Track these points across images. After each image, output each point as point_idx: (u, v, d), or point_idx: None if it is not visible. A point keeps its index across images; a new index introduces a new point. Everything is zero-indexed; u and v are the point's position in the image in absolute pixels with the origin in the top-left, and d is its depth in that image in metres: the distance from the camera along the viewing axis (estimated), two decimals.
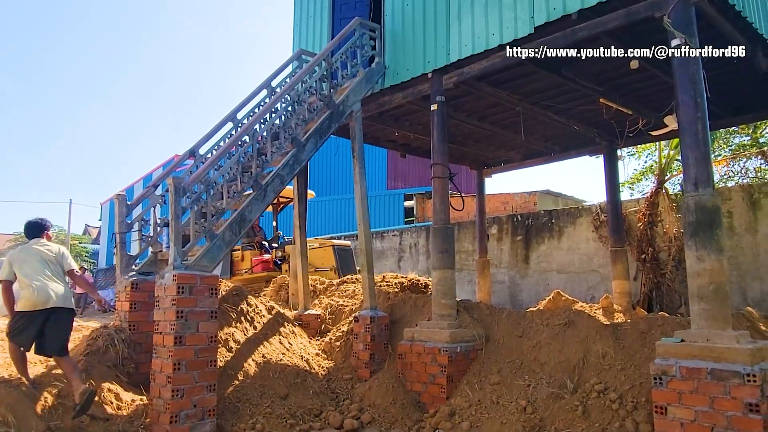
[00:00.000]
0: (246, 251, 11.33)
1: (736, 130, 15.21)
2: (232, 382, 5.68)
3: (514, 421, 4.95)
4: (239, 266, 11.36)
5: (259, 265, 10.96)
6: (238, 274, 11.23)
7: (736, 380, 3.86)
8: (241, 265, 11.32)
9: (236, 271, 11.34)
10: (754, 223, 9.51)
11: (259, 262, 11.00)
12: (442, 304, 6.41)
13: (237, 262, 11.43)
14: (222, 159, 6.13)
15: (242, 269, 11.24)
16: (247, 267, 11.14)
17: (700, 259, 4.37)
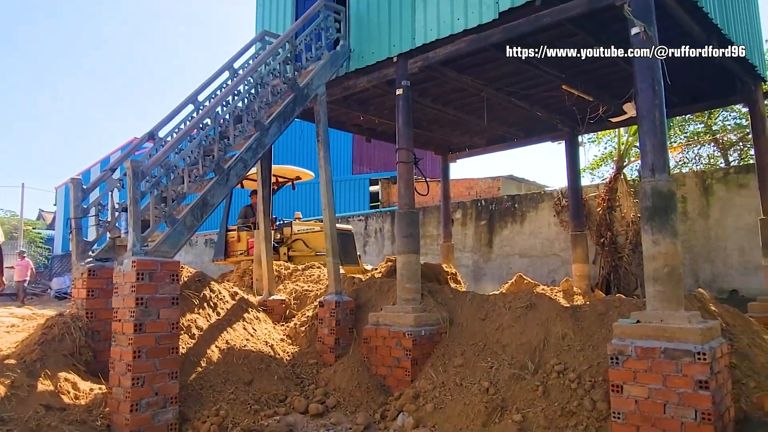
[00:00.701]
0: (242, 232, 10.78)
1: (691, 118, 15.71)
2: (195, 369, 5.61)
3: (477, 402, 5.04)
4: (234, 247, 10.82)
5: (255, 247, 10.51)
6: (233, 255, 10.72)
7: (687, 359, 4.01)
8: (237, 247, 10.78)
9: (231, 252, 10.79)
10: (706, 208, 9.85)
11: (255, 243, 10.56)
12: (407, 288, 6.45)
13: (232, 243, 10.88)
14: (183, 142, 5.98)
15: (238, 251, 10.71)
16: (242, 249, 10.63)
17: (655, 243, 4.50)
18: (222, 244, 10.94)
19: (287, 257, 10.49)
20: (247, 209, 10.99)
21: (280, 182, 11.68)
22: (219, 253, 10.95)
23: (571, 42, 6.60)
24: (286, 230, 10.84)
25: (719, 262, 9.65)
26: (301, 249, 10.64)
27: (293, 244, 10.68)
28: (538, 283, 9.85)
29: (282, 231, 10.82)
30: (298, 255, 10.52)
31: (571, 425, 4.51)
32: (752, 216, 8.66)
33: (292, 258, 10.47)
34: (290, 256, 10.52)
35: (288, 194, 24.32)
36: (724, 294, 9.40)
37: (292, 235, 10.80)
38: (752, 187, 8.57)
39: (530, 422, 4.65)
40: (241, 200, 12.19)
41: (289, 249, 10.56)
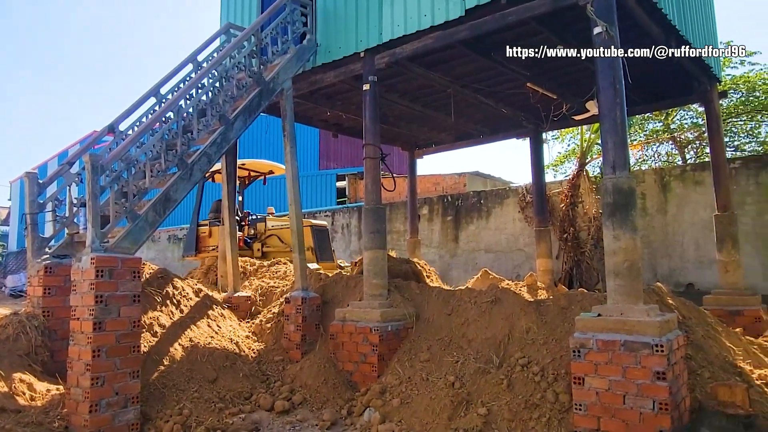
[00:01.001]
0: (214, 227, 10.44)
1: (651, 117, 16.15)
2: (158, 368, 5.51)
3: (443, 396, 5.08)
4: (206, 243, 10.53)
5: None
6: (205, 251, 10.43)
7: (646, 351, 4.12)
8: (209, 242, 10.49)
9: (202, 248, 10.48)
10: (664, 205, 10.15)
11: None
12: (374, 284, 6.46)
13: (203, 238, 10.56)
14: (144, 136, 5.85)
15: (209, 246, 10.42)
16: (214, 244, 10.30)
17: (616, 238, 4.61)
18: (193, 239, 10.66)
19: (261, 253, 10.27)
20: (219, 203, 10.71)
21: (252, 176, 11.49)
22: (190, 248, 10.66)
23: (536, 40, 6.69)
24: (260, 226, 10.59)
25: (676, 256, 9.96)
26: (276, 245, 10.45)
27: (267, 239, 10.47)
28: (503, 278, 9.99)
29: (255, 227, 10.58)
30: (273, 251, 10.34)
31: (534, 417, 4.60)
32: (707, 212, 8.96)
33: (266, 254, 10.28)
34: (264, 252, 10.30)
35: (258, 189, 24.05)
36: (681, 287, 9.71)
37: (266, 230, 10.59)
38: (707, 184, 8.86)
39: (495, 415, 4.72)
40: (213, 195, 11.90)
41: (263, 245, 10.35)
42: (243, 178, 11.30)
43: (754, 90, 14.79)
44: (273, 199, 21.84)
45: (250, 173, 11.17)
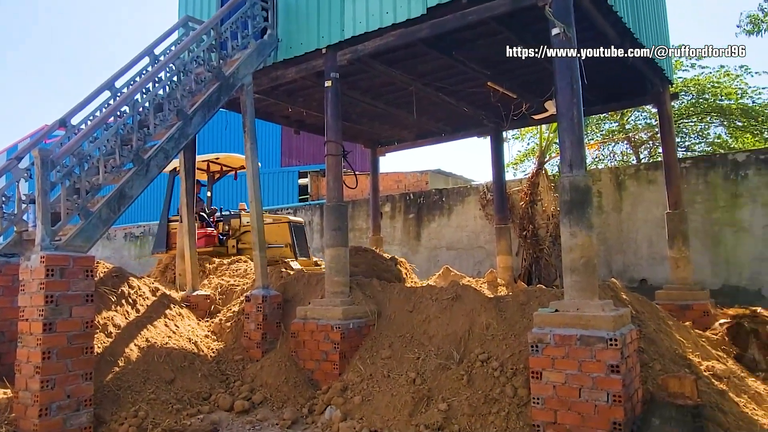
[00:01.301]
0: None
1: (607, 117, 16.57)
2: (112, 369, 5.36)
3: (404, 392, 5.11)
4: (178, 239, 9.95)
5: (204, 238, 9.74)
6: (176, 247, 9.78)
7: (600, 345, 4.23)
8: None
9: (173, 244, 9.93)
10: (619, 203, 10.44)
11: (203, 235, 9.78)
12: (335, 282, 6.43)
13: (175, 234, 9.96)
14: (98, 130, 5.67)
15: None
16: None
17: (573, 235, 4.72)
18: (164, 235, 10.22)
19: (236, 250, 9.95)
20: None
21: (224, 171, 11.20)
22: (160, 244, 10.21)
23: (496, 40, 6.78)
24: (234, 222, 10.24)
25: (630, 253, 10.26)
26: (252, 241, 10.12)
27: (242, 236, 10.15)
28: (464, 275, 10.11)
29: (229, 223, 10.24)
30: (249, 247, 10.04)
31: (493, 412, 4.66)
32: (660, 210, 9.25)
33: (242, 251, 9.96)
34: (240, 248, 9.99)
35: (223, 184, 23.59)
36: (635, 283, 10.01)
37: (242, 227, 10.28)
38: (660, 183, 9.15)
39: (455, 410, 4.77)
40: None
41: (238, 241, 10.04)
42: (213, 173, 11.02)
43: (704, 92, 15.35)
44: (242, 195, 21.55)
45: (222, 168, 10.89)
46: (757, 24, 13.26)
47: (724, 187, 9.25)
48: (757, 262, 8.75)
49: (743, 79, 15.27)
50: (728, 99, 15.12)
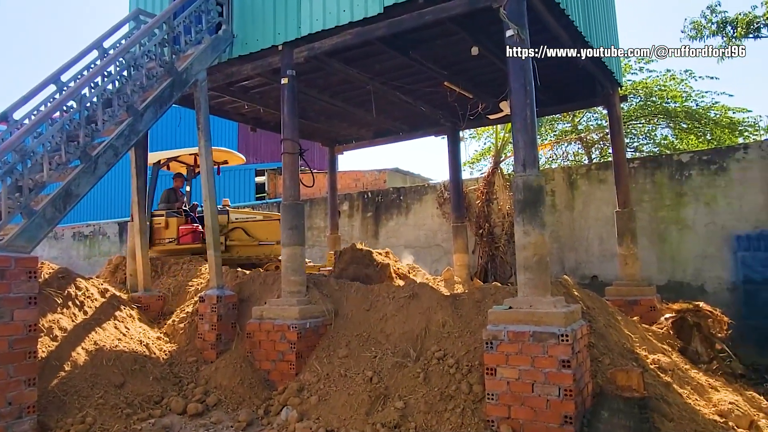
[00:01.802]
0: (171, 218, 9.54)
1: (560, 118, 16.98)
2: (58, 374, 5.16)
3: (361, 391, 5.11)
4: (161, 235, 9.58)
5: (189, 234, 9.34)
6: (160, 244, 9.53)
7: (552, 341, 4.34)
8: (164, 234, 9.55)
9: (157, 240, 9.52)
10: (571, 201, 10.71)
11: (188, 231, 9.35)
12: (292, 281, 6.38)
13: (159, 230, 9.58)
14: (42, 126, 5.44)
15: (165, 238, 9.53)
16: (171, 236, 9.44)
17: (526, 234, 4.81)
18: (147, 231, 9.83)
19: (224, 247, 9.60)
20: (169, 192, 10.02)
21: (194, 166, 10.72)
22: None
23: (453, 40, 6.85)
24: (222, 218, 9.89)
25: (582, 250, 10.54)
26: (241, 238, 9.75)
27: (231, 233, 9.75)
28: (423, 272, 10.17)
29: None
30: (238, 245, 9.69)
31: (449, 409, 4.71)
32: (610, 208, 9.53)
33: (230, 248, 9.63)
34: (228, 246, 9.66)
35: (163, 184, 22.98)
36: (586, 280, 10.29)
37: (230, 223, 9.91)
38: (610, 182, 9.43)
39: (411, 408, 4.80)
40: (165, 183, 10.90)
41: (226, 239, 9.70)
42: (192, 167, 10.58)
43: (651, 95, 15.93)
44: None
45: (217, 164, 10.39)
46: (700, 30, 13.85)
47: (669, 187, 9.61)
48: (699, 258, 9.14)
49: (688, 83, 15.93)
50: (674, 102, 15.73)
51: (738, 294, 8.68)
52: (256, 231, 9.98)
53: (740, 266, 8.75)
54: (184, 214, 9.62)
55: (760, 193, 8.70)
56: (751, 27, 13.19)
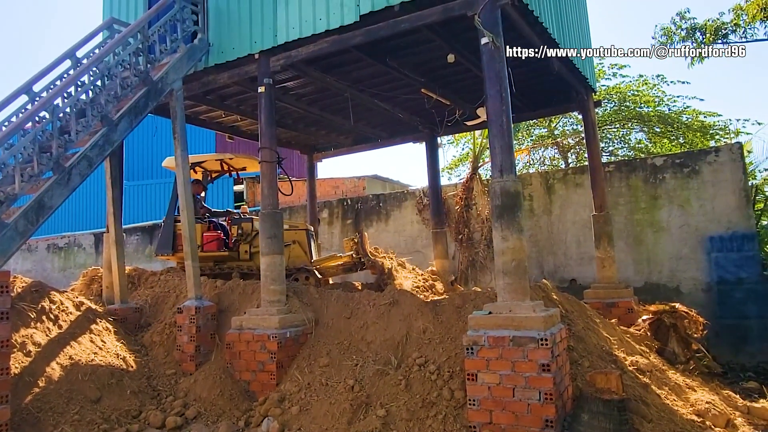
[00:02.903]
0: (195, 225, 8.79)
1: (536, 123, 17.17)
2: (32, 390, 5.05)
3: (342, 400, 5.08)
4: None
5: (214, 242, 9.04)
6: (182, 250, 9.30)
7: (532, 345, 4.37)
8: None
9: (179, 246, 9.04)
10: (549, 206, 10.82)
11: (213, 238, 9.05)
12: (271, 290, 6.33)
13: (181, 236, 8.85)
14: (14, 137, 5.34)
15: None
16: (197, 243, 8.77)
17: (504, 239, 4.85)
18: (170, 236, 9.26)
19: (249, 255, 9.32)
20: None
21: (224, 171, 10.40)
22: (165, 246, 9.27)
23: (429, 47, 6.90)
24: (246, 225, 9.61)
25: (560, 254, 10.65)
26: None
27: (254, 240, 9.51)
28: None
29: (241, 226, 9.61)
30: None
31: (431, 415, 4.72)
32: (587, 212, 9.65)
33: (254, 256, 9.35)
34: (252, 254, 9.37)
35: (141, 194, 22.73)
36: (565, 283, 10.39)
37: (254, 230, 9.66)
38: (586, 186, 9.55)
39: (393, 416, 4.79)
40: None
41: (251, 246, 9.41)
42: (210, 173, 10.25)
43: (625, 100, 16.19)
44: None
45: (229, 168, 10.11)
46: (670, 36, 14.15)
47: (644, 190, 9.76)
48: (674, 260, 9.29)
49: (660, 87, 16.24)
50: (647, 106, 16.02)
51: (712, 294, 8.84)
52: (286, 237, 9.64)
53: (714, 267, 8.92)
54: (207, 221, 9.33)
55: (731, 195, 8.89)
56: (719, 33, 13.51)
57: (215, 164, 9.93)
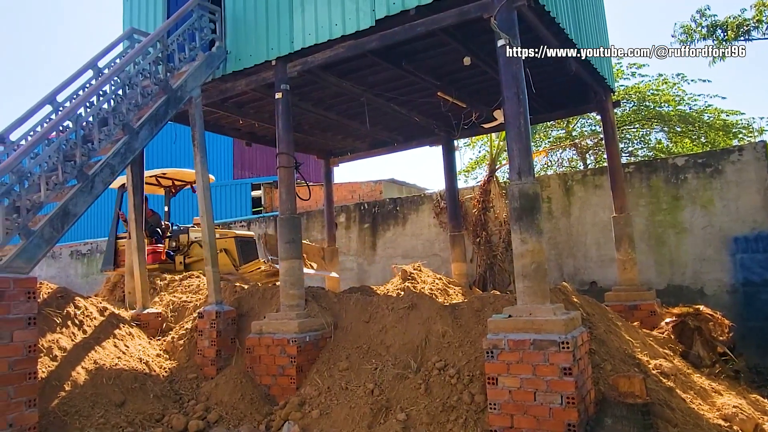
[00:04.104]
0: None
1: (554, 124, 17.06)
2: (58, 394, 5.13)
3: (362, 404, 5.08)
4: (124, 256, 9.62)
5: (150, 255, 9.53)
6: (124, 265, 9.55)
7: (553, 348, 4.33)
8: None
9: (121, 261, 9.72)
10: (568, 207, 10.73)
11: (150, 251, 9.57)
12: (290, 294, 6.37)
13: (123, 251, 9.75)
14: (39, 146, 5.45)
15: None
16: None
17: (523, 242, 4.82)
18: (111, 252, 9.98)
19: (183, 266, 9.71)
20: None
21: (176, 186, 10.93)
22: (108, 262, 9.98)
23: (444, 51, 6.90)
24: (183, 237, 10.00)
25: (580, 256, 10.55)
26: (199, 254, 9.89)
27: (189, 250, 9.92)
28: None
29: (178, 238, 9.98)
30: (196, 261, 9.81)
31: (451, 419, 4.70)
32: (607, 213, 9.56)
33: (189, 266, 9.74)
34: (187, 263, 9.75)
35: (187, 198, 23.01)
36: (585, 285, 10.29)
37: (189, 241, 10.04)
38: (606, 187, 9.46)
39: (414, 420, 4.78)
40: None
41: (185, 257, 9.82)
42: (168, 188, 10.77)
43: (645, 100, 16.01)
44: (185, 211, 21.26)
45: (174, 182, 10.63)
46: (690, 34, 13.96)
47: (665, 190, 9.64)
48: (698, 261, 9.14)
49: (680, 86, 16.03)
50: (667, 105, 15.81)
51: (738, 296, 8.68)
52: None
53: (739, 268, 8.76)
54: (149, 234, 9.72)
55: (756, 195, 8.73)
56: (741, 30, 13.30)
57: (150, 179, 10.22)
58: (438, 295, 7.84)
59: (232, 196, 22.39)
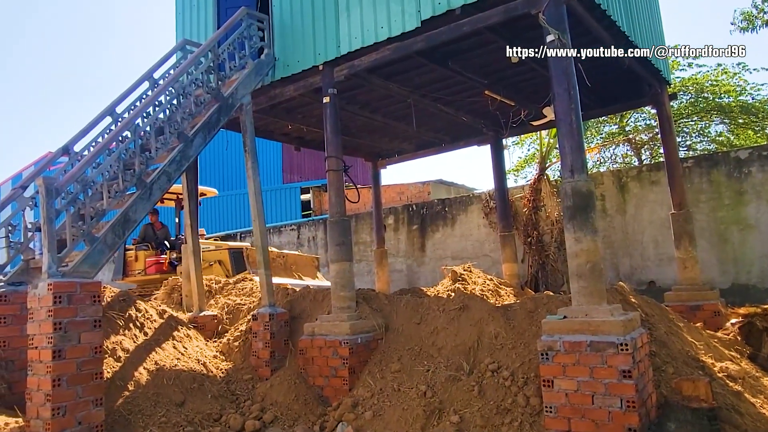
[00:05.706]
0: (140, 251, 10.76)
1: (606, 120, 16.59)
2: (122, 394, 5.34)
3: (415, 406, 5.07)
4: (133, 267, 10.77)
5: (153, 266, 10.39)
6: (131, 275, 10.68)
7: (611, 350, 4.20)
8: (135, 266, 10.73)
9: (129, 272, 10.75)
10: (623, 205, 10.41)
11: (153, 263, 10.42)
12: (341, 297, 6.42)
13: (131, 262, 10.84)
14: (100, 156, 5.70)
15: (135, 270, 10.67)
16: (140, 268, 10.58)
17: (577, 241, 4.70)
18: (121, 263, 10.89)
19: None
20: (146, 228, 10.97)
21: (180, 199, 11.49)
22: (118, 272, 10.89)
23: (491, 49, 6.82)
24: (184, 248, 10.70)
25: (637, 255, 10.22)
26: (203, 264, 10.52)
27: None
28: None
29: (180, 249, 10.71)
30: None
31: (506, 422, 4.62)
32: (664, 210, 9.23)
33: None
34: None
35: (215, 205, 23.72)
36: (643, 285, 9.95)
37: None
38: (663, 183, 9.13)
39: (467, 422, 4.73)
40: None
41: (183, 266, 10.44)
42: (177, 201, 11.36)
43: (702, 91, 15.36)
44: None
45: (178, 197, 11.16)
46: (751, 21, 13.28)
47: (728, 185, 9.22)
48: (765, 259, 8.70)
49: (741, 76, 15.30)
50: (728, 96, 15.12)
51: None
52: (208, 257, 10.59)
53: None
54: (155, 246, 10.59)
55: None
56: None
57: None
58: (489, 296, 7.74)
59: (282, 201, 22.81)
